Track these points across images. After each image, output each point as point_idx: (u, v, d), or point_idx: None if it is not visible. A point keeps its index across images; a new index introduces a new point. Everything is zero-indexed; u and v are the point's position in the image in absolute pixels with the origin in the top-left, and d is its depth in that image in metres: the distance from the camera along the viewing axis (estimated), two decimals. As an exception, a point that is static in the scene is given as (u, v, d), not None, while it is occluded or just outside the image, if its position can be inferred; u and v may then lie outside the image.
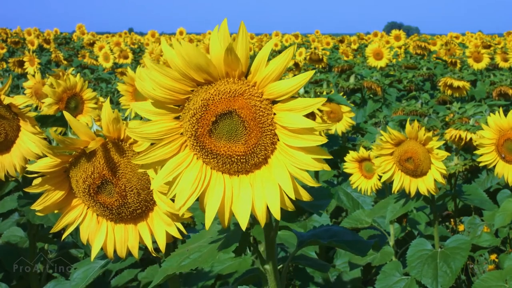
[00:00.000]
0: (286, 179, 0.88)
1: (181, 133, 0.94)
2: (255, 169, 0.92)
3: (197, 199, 0.93)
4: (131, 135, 0.94)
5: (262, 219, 0.90)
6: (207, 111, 0.89)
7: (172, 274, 1.08)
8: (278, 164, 0.90)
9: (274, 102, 0.89)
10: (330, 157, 0.91)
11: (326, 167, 0.90)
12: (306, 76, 0.85)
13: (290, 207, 0.91)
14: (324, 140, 0.87)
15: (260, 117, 0.88)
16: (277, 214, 0.89)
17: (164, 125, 0.93)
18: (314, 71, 0.89)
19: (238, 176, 0.93)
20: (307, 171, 0.88)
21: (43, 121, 1.88)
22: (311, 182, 0.89)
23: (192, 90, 0.91)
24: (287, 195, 0.89)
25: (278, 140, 0.90)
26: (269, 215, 0.91)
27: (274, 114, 0.89)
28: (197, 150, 0.92)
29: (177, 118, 0.94)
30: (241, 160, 0.90)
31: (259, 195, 0.90)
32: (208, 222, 0.91)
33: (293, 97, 0.87)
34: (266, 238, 1.17)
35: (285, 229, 2.20)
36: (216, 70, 0.88)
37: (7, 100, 1.59)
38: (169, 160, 0.93)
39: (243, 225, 0.90)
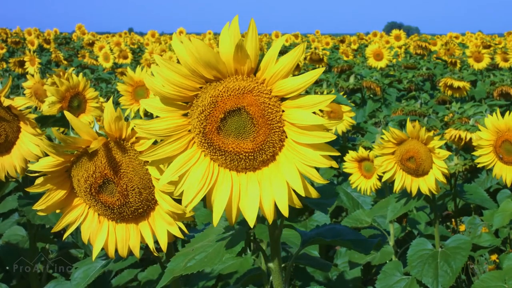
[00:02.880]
0: (295, 176, 0.89)
1: (189, 130, 0.94)
2: (263, 166, 0.93)
3: (204, 197, 0.93)
4: (138, 132, 0.95)
5: (270, 216, 0.90)
6: (215, 108, 0.89)
7: (179, 276, 1.08)
8: (286, 161, 0.90)
9: (282, 99, 0.89)
10: (338, 153, 0.91)
11: (334, 164, 0.89)
12: (315, 74, 0.85)
13: (297, 204, 0.91)
14: (333, 136, 0.87)
15: (269, 114, 0.89)
16: (285, 211, 0.89)
17: (172, 121, 0.94)
18: (323, 68, 0.90)
19: (245, 173, 0.93)
20: (315, 168, 0.89)
21: (43, 122, 1.88)
22: (319, 179, 0.89)
23: (201, 87, 0.92)
24: (295, 192, 0.89)
25: (286, 137, 0.90)
26: (275, 213, 0.92)
27: (283, 111, 0.89)
28: (205, 147, 0.93)
29: (185, 115, 0.94)
30: (249, 157, 0.91)
31: (267, 192, 0.91)
32: (216, 219, 0.91)
33: (301, 94, 0.88)
34: (270, 237, 1.17)
35: (286, 228, 2.20)
36: (225, 67, 0.89)
37: (7, 102, 1.59)
38: (177, 157, 0.94)
39: (251, 222, 0.90)
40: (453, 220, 3.34)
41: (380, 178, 2.75)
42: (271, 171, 0.92)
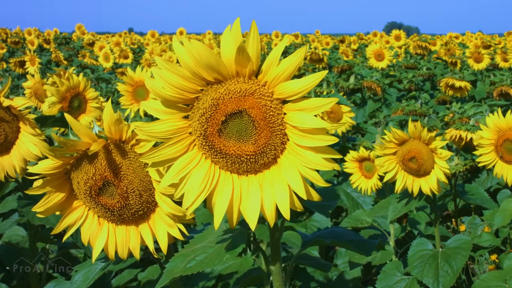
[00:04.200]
0: (297, 179, 0.88)
1: (190, 133, 0.94)
2: (264, 169, 0.92)
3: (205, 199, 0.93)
4: (139, 133, 0.94)
5: (271, 219, 0.90)
6: (217, 111, 0.89)
7: (178, 276, 1.08)
8: (288, 164, 0.90)
9: (284, 101, 0.89)
10: (340, 156, 0.90)
11: (336, 167, 0.89)
12: (318, 77, 0.84)
13: (299, 207, 0.90)
14: (335, 139, 0.86)
15: (271, 116, 0.88)
16: (286, 214, 0.88)
17: (173, 124, 0.93)
18: (326, 71, 0.89)
19: (246, 176, 0.93)
20: (317, 170, 0.88)
21: (43, 122, 1.88)
22: (321, 182, 0.88)
23: (202, 89, 0.91)
24: (297, 195, 0.89)
25: (288, 140, 0.90)
26: (276, 216, 0.91)
27: (285, 113, 0.89)
28: (206, 150, 0.92)
29: (186, 117, 0.94)
30: (251, 159, 0.90)
31: (268, 195, 0.90)
32: (217, 222, 0.91)
33: (303, 97, 0.87)
34: (271, 238, 1.17)
35: (287, 229, 2.21)
36: (226, 69, 0.88)
37: (6, 102, 1.58)
38: (177, 159, 0.93)
39: (252, 225, 0.90)
40: (453, 220, 3.34)
41: (381, 178, 2.75)
42: (273, 174, 0.91)
